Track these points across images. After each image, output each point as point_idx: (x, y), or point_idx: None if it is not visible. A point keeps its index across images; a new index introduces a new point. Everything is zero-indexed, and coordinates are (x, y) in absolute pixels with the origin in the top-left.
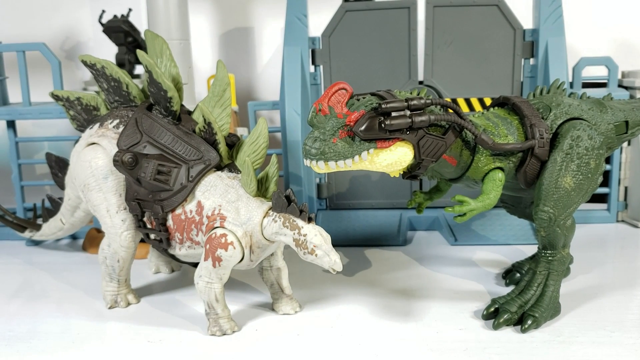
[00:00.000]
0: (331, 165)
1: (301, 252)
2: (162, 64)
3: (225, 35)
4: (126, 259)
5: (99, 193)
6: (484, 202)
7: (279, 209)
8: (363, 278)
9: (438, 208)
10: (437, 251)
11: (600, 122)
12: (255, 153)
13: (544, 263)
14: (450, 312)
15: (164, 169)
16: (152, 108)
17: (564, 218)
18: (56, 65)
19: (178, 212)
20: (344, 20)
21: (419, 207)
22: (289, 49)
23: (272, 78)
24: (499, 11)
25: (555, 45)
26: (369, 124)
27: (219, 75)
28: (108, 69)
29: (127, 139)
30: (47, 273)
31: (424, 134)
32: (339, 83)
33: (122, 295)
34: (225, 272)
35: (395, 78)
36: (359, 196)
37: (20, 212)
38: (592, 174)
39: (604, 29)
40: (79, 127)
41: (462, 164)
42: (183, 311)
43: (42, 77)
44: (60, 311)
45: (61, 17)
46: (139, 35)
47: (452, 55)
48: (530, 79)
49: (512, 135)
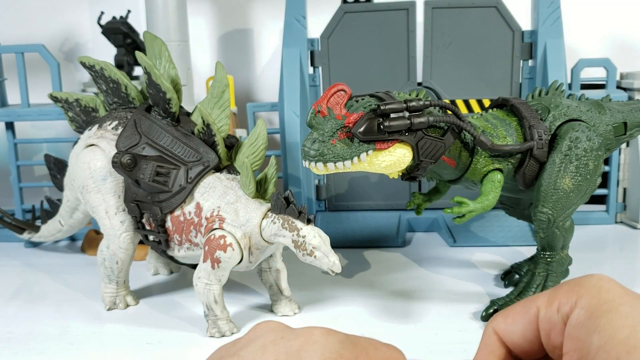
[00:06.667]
0: (330, 166)
1: (300, 254)
2: (161, 66)
3: (224, 36)
4: (125, 260)
5: (98, 194)
6: (482, 203)
7: (277, 211)
8: (362, 279)
9: (437, 209)
10: (436, 252)
11: (598, 124)
12: (254, 154)
13: (543, 264)
14: (449, 313)
15: (163, 171)
16: (151, 109)
17: (563, 219)
18: (55, 67)
19: (177, 214)
20: (342, 22)
21: (418, 209)
22: (287, 50)
23: (271, 79)
24: (498, 13)
25: (554, 47)
26: (367, 125)
27: (217, 77)
28: (107, 71)
29: (126, 141)
30: (45, 275)
31: (423, 136)
32: (337, 84)
33: (121, 296)
34: (224, 273)
35: (394, 79)
36: (358, 198)
37: (19, 213)
38: (591, 176)
39: (603, 30)
40: (77, 129)
41: (461, 165)
42: (182, 313)
43: (40, 79)
44: (59, 313)
45: (60, 18)
46: (138, 36)
47: (450, 56)
48: (529, 81)
49: (511, 136)
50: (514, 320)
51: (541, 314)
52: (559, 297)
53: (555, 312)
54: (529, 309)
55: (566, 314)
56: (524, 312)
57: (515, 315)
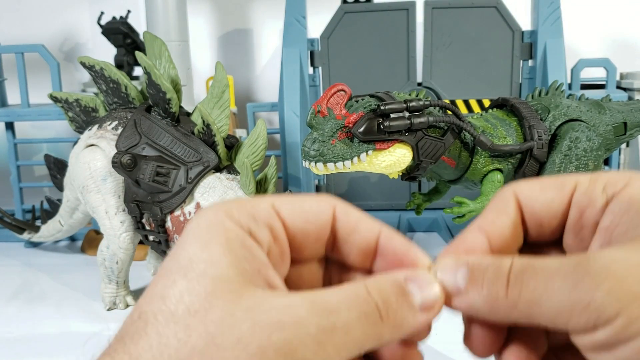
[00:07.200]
0: (330, 166)
1: None
2: (161, 66)
3: (224, 36)
4: (125, 260)
5: (98, 195)
6: (482, 203)
7: None
8: None
9: (437, 209)
10: (436, 253)
11: (598, 124)
12: (254, 154)
13: None
14: (449, 313)
15: (163, 171)
16: (151, 110)
17: None
18: (55, 67)
19: (177, 214)
20: (342, 22)
21: (417, 209)
22: (287, 50)
23: (271, 80)
24: (498, 13)
25: (554, 47)
26: (367, 125)
27: (217, 77)
28: (107, 71)
29: (126, 141)
30: (45, 275)
31: (423, 136)
32: (337, 84)
33: (121, 296)
34: None
35: (394, 79)
36: (358, 197)
37: (19, 213)
38: None
39: (603, 30)
40: (77, 129)
41: (461, 165)
42: None
43: (40, 79)
44: (59, 313)
45: (60, 18)
46: (138, 36)
47: (450, 56)
48: (529, 81)
49: (511, 136)
50: (543, 188)
51: (581, 188)
52: (604, 178)
53: (600, 190)
54: (565, 181)
55: (613, 193)
56: (557, 183)
57: (544, 184)
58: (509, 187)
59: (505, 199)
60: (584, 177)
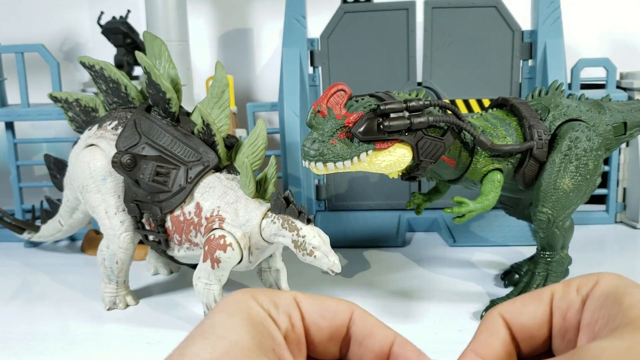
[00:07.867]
0: (330, 166)
1: (300, 254)
2: (161, 66)
3: (224, 36)
4: (125, 260)
5: (98, 194)
6: (482, 203)
7: (277, 210)
8: (362, 279)
9: (437, 209)
10: (436, 252)
11: (598, 124)
12: (254, 154)
13: (543, 264)
14: (449, 313)
15: (163, 171)
16: (151, 109)
17: (563, 219)
18: (55, 67)
19: (177, 214)
20: (342, 22)
21: (417, 209)
22: (287, 50)
23: (271, 79)
24: (498, 12)
25: (554, 47)
26: (367, 125)
27: (217, 77)
28: (107, 71)
29: (126, 141)
30: (45, 274)
31: (423, 135)
32: (337, 84)
33: (121, 296)
34: (224, 273)
35: (393, 79)
36: (357, 197)
37: (19, 213)
38: (591, 175)
39: (603, 30)
40: (77, 129)
41: (461, 165)
42: (182, 313)
43: (40, 79)
44: (59, 313)
45: (60, 18)
46: (138, 36)
47: (450, 56)
48: (529, 80)
49: (511, 136)
50: (524, 303)
51: (557, 295)
52: (576, 281)
53: (574, 292)
54: (542, 294)
55: (586, 293)
56: (535, 296)
57: (525, 300)
58: (493, 310)
59: (493, 320)
60: (556, 285)
